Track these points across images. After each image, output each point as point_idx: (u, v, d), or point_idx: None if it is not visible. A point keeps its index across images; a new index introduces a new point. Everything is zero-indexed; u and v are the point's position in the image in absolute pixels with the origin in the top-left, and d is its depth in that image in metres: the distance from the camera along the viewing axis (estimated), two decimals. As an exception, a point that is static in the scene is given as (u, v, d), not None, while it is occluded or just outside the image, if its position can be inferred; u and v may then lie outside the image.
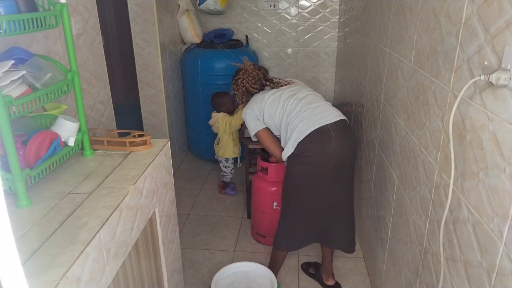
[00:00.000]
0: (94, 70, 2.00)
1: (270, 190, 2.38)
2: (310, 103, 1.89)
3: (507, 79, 0.87)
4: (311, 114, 1.83)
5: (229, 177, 3.13)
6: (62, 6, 1.28)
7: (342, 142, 1.81)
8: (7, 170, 1.11)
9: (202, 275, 2.28)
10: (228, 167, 3.07)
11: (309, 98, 1.92)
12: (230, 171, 3.09)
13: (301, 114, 1.85)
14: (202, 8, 3.52)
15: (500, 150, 0.92)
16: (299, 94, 1.95)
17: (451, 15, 1.19)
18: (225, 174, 3.11)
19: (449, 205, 1.13)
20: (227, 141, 2.91)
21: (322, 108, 1.87)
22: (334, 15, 3.71)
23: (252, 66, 2.12)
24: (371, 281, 2.20)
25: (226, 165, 3.06)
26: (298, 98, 1.92)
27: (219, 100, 2.89)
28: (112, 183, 1.26)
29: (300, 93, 1.96)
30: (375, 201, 2.11)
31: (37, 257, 0.92)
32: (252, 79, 2.07)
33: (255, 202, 2.50)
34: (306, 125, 1.81)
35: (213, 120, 2.92)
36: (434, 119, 1.31)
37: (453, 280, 1.16)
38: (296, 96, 1.93)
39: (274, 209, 2.39)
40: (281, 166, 2.26)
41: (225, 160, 3.03)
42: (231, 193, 3.18)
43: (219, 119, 2.84)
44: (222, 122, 2.83)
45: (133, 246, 1.28)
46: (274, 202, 2.38)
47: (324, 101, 1.95)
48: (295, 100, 1.91)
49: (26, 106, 1.13)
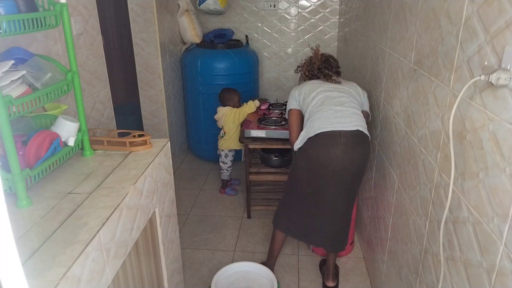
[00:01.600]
0: (94, 70, 2.00)
1: None
2: (336, 105, 1.89)
3: (507, 79, 0.87)
4: (330, 116, 1.84)
5: (226, 175, 3.14)
6: (62, 6, 1.28)
7: (350, 152, 1.80)
8: (7, 170, 1.11)
9: (202, 275, 2.28)
10: (226, 163, 3.08)
11: (339, 100, 1.91)
12: (227, 168, 3.10)
13: (322, 112, 1.87)
14: (202, 8, 3.52)
15: (500, 150, 0.92)
16: (334, 93, 1.95)
17: (451, 15, 1.19)
18: (222, 171, 3.12)
19: (449, 205, 1.13)
20: (234, 133, 2.93)
21: (344, 113, 1.85)
22: (334, 15, 3.71)
23: (317, 56, 2.14)
24: (371, 281, 2.20)
25: (225, 161, 3.07)
26: (329, 97, 1.92)
27: (228, 95, 2.96)
28: (112, 183, 1.26)
29: (336, 92, 1.95)
30: (375, 201, 2.11)
31: (37, 257, 0.92)
32: (307, 67, 2.15)
33: None
34: (319, 124, 1.83)
35: (220, 114, 2.95)
36: (434, 119, 1.31)
37: (453, 280, 1.16)
38: (330, 94, 1.94)
39: None
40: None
41: (225, 156, 3.04)
42: (231, 193, 3.18)
43: (227, 112, 2.90)
44: (231, 113, 2.89)
45: (133, 246, 1.28)
46: None
47: (353, 108, 1.91)
48: (325, 97, 1.92)
49: (26, 106, 1.13)
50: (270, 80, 4.01)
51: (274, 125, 2.59)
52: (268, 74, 4.02)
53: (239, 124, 2.89)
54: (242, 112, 2.87)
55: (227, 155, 3.04)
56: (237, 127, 2.91)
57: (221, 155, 3.06)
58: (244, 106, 2.90)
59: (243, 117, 2.87)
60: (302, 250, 2.49)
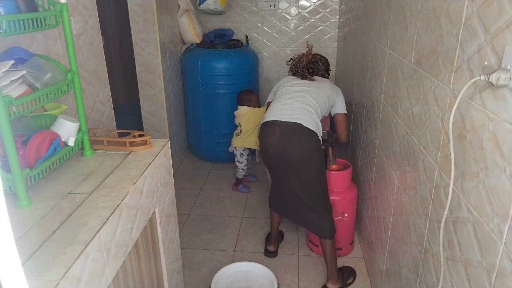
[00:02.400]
0: (94, 70, 2.00)
1: None
2: (287, 98, 2.08)
3: (507, 79, 0.87)
4: (277, 108, 2.07)
5: (241, 174, 3.17)
6: (62, 6, 1.28)
7: (284, 140, 1.97)
8: (7, 170, 1.11)
9: (202, 275, 2.28)
10: (242, 163, 3.11)
11: (292, 95, 2.09)
12: (243, 167, 3.13)
13: (273, 103, 2.13)
14: (202, 8, 3.52)
15: (500, 150, 0.92)
16: (295, 87, 2.14)
17: (451, 15, 1.19)
18: (238, 170, 3.15)
19: (449, 205, 1.13)
20: (252, 133, 2.96)
21: (290, 106, 2.04)
22: (334, 15, 3.71)
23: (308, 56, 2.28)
24: (371, 281, 2.20)
25: (240, 160, 3.09)
26: (286, 91, 2.14)
27: (246, 97, 3.05)
28: (112, 183, 1.26)
29: (296, 87, 2.14)
30: (375, 201, 2.11)
31: (37, 257, 0.92)
32: (295, 63, 2.30)
33: None
34: (268, 114, 2.09)
35: (241, 111, 3.00)
36: (434, 119, 1.31)
37: (453, 280, 1.16)
38: (290, 88, 2.14)
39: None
40: (340, 176, 2.26)
41: (240, 155, 3.06)
42: (243, 190, 3.20)
43: (249, 111, 2.94)
44: (253, 113, 2.93)
45: (133, 246, 1.28)
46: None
47: (303, 103, 2.04)
48: (284, 91, 2.15)
49: (26, 106, 1.13)
50: (270, 80, 4.01)
51: None
52: (268, 74, 4.02)
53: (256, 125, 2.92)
54: (261, 110, 2.89)
55: (242, 154, 3.07)
56: (255, 127, 2.93)
57: (236, 154, 3.09)
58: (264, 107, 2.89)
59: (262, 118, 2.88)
60: (302, 250, 2.49)
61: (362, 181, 2.41)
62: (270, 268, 2.10)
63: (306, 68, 2.23)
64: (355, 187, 2.37)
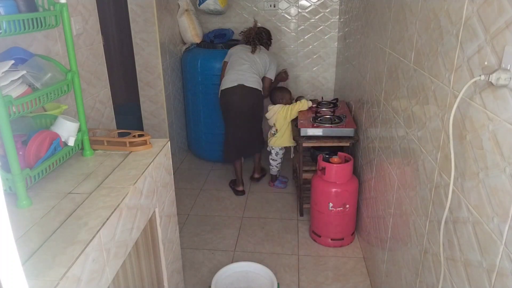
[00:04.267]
0: (94, 70, 2.00)
1: (326, 191, 2.38)
2: (240, 70, 2.92)
3: (507, 79, 0.87)
4: (234, 74, 2.92)
5: (275, 171, 3.22)
6: (62, 6, 1.28)
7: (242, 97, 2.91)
8: (7, 170, 1.11)
9: (202, 275, 2.28)
10: (275, 160, 3.16)
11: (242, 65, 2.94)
12: (277, 164, 3.18)
13: (231, 70, 2.96)
14: (202, 8, 3.52)
15: (500, 150, 0.92)
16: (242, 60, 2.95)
17: (451, 15, 1.19)
18: (271, 167, 3.20)
19: (449, 205, 1.13)
20: (285, 131, 2.99)
21: (241, 73, 2.91)
22: (334, 15, 3.71)
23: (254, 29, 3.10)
24: (371, 281, 2.20)
25: (275, 158, 3.15)
26: (237, 62, 2.96)
27: (280, 94, 3.11)
28: (112, 183, 1.26)
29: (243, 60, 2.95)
30: (375, 201, 2.11)
31: (37, 257, 0.92)
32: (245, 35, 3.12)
33: (312, 201, 2.52)
34: (228, 80, 2.93)
35: (272, 113, 3.02)
36: (434, 119, 1.31)
37: (453, 280, 1.16)
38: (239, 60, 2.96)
39: (330, 210, 2.39)
40: (341, 167, 2.34)
41: (275, 154, 3.11)
42: (280, 185, 3.25)
43: (280, 110, 2.97)
44: (283, 110, 2.95)
45: (133, 246, 1.28)
46: (329, 202, 2.38)
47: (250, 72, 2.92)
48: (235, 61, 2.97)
49: (26, 106, 1.13)
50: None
51: (330, 123, 2.62)
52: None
53: (290, 121, 2.97)
54: (294, 109, 2.93)
55: (277, 153, 3.12)
56: (288, 124, 2.98)
57: (271, 152, 3.13)
58: (297, 103, 2.95)
59: (295, 114, 2.93)
60: (302, 250, 2.49)
61: (362, 181, 2.41)
62: (270, 268, 2.10)
63: (256, 37, 3.03)
64: (356, 179, 2.45)
